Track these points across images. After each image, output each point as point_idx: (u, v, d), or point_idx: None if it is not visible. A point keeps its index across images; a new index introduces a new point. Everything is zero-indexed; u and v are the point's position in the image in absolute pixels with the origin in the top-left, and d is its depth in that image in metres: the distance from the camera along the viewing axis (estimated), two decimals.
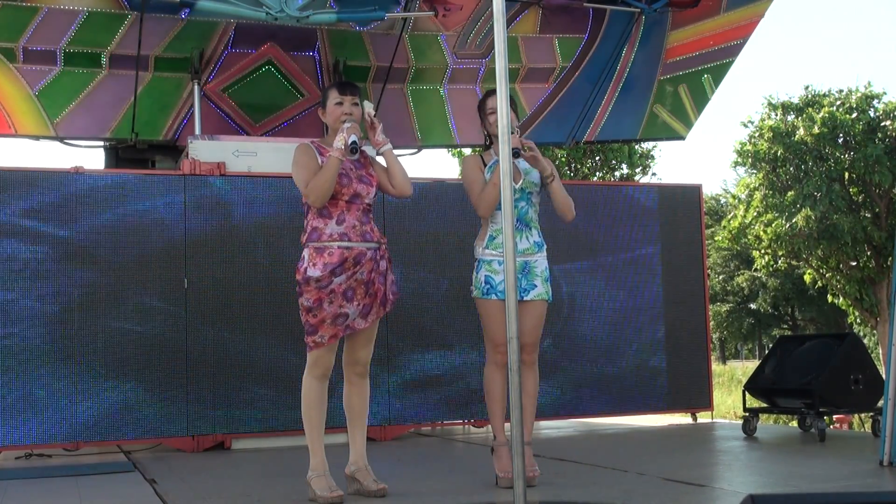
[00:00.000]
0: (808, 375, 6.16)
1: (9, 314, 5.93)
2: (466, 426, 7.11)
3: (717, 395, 14.73)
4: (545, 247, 4.60)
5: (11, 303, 5.94)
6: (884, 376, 5.03)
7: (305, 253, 4.18)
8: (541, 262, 4.54)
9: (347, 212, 4.19)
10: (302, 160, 4.20)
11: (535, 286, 4.49)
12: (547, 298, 4.53)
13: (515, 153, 4.34)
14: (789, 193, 19.53)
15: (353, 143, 4.11)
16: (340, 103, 4.26)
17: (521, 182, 4.50)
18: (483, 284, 4.50)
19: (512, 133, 4.46)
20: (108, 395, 6.06)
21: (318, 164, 4.18)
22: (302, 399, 4.23)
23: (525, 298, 4.44)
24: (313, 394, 4.20)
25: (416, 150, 8.66)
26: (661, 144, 19.84)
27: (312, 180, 4.12)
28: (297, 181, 4.21)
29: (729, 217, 22.42)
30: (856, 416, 11.46)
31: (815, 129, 19.25)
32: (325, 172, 4.10)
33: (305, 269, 4.12)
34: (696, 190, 7.64)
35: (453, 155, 18.38)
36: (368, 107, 4.28)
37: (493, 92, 4.61)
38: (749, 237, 20.59)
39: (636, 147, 18.42)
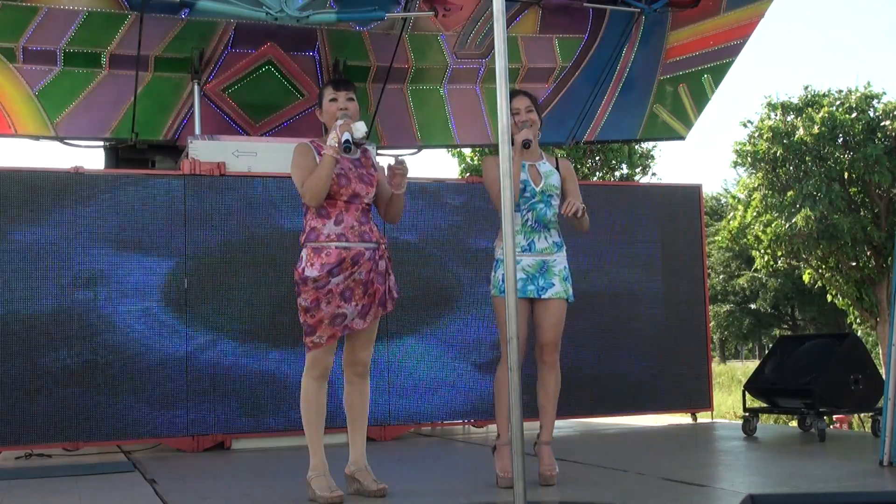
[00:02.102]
0: (808, 375, 6.16)
1: (9, 314, 5.93)
2: (466, 426, 7.11)
3: (717, 395, 14.73)
4: (565, 247, 4.60)
5: (12, 303, 5.94)
6: (884, 376, 5.03)
7: (304, 253, 4.18)
8: (559, 262, 4.55)
9: (346, 212, 4.18)
10: (298, 160, 4.20)
11: (553, 284, 4.50)
12: (566, 297, 4.54)
13: (527, 144, 4.41)
14: (789, 193, 19.51)
15: (346, 141, 4.06)
16: (335, 100, 4.24)
17: (541, 185, 4.52)
18: (501, 283, 4.51)
19: (530, 127, 4.50)
20: (108, 394, 6.06)
21: (315, 163, 4.17)
22: (301, 399, 4.23)
23: (543, 297, 4.46)
24: (312, 394, 4.20)
25: (416, 150, 8.66)
26: (661, 144, 19.83)
27: (307, 179, 4.12)
28: (294, 181, 4.21)
29: (728, 217, 22.41)
30: (856, 416, 11.46)
31: (815, 129, 19.23)
32: (320, 171, 4.09)
33: (303, 270, 4.12)
34: (696, 190, 7.64)
35: (453, 155, 18.38)
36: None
37: (517, 92, 4.64)
38: (749, 237, 20.57)
39: (636, 147, 18.41)
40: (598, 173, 18.34)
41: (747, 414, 6.41)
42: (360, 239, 4.17)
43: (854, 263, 19.84)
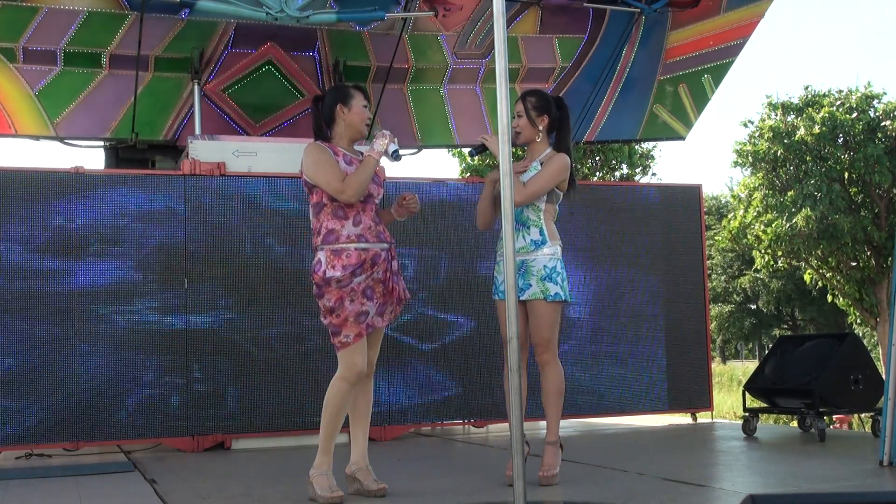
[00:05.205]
0: (808, 375, 6.16)
1: (9, 314, 5.93)
2: (466, 426, 7.11)
3: (717, 395, 14.73)
4: (547, 245, 4.50)
5: (12, 303, 5.94)
6: (884, 376, 5.02)
7: (322, 256, 4.17)
8: (539, 261, 4.49)
9: (363, 212, 4.21)
10: (325, 158, 4.19)
11: (531, 285, 4.47)
12: (544, 297, 4.47)
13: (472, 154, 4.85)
14: (789, 193, 19.51)
15: (395, 151, 4.22)
16: (367, 107, 4.33)
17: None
18: (500, 284, 4.55)
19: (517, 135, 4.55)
20: (109, 394, 6.06)
21: (336, 162, 4.19)
22: (328, 398, 4.17)
23: (521, 298, 4.44)
24: (342, 397, 4.16)
25: (416, 150, 8.66)
26: (661, 144, 19.82)
27: (350, 177, 4.13)
28: (324, 178, 4.14)
29: (729, 217, 22.41)
30: (856, 416, 11.45)
31: (815, 129, 19.22)
32: (367, 170, 4.16)
33: (324, 272, 4.12)
34: (696, 190, 7.64)
35: (453, 155, 18.38)
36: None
37: (524, 93, 4.66)
38: (749, 237, 20.57)
39: (636, 147, 18.40)
40: (598, 173, 18.33)
41: (747, 414, 6.41)
42: (377, 239, 4.21)
43: (854, 263, 19.83)
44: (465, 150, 17.57)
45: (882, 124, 19.43)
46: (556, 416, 4.55)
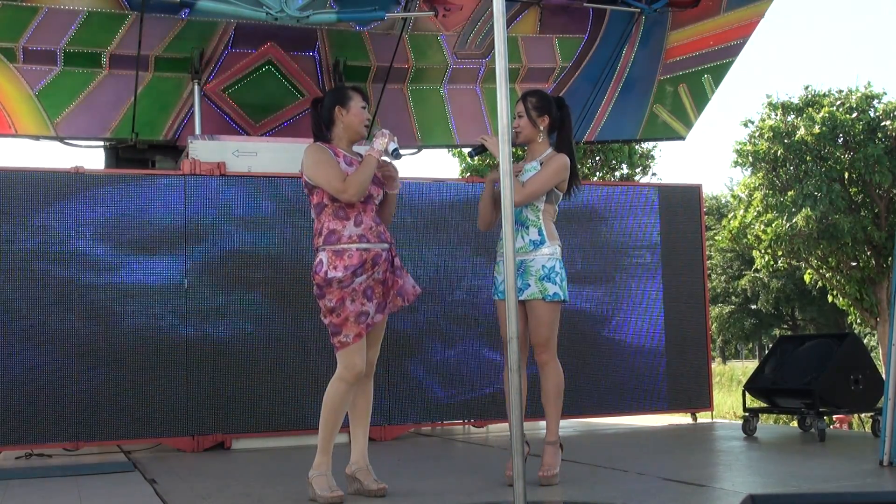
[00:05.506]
0: (808, 375, 6.16)
1: (9, 314, 5.93)
2: (466, 426, 7.11)
3: (717, 395, 14.73)
4: (546, 244, 4.51)
5: (11, 302, 5.94)
6: (884, 376, 5.03)
7: (323, 256, 4.17)
8: (538, 261, 4.48)
9: (363, 213, 4.22)
10: (325, 158, 4.20)
11: (529, 285, 4.47)
12: (542, 297, 4.47)
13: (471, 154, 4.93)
14: (789, 193, 19.51)
15: (396, 149, 4.23)
16: (365, 108, 4.33)
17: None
18: (499, 285, 4.56)
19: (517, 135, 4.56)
20: (109, 394, 6.06)
21: (337, 163, 4.20)
22: (327, 399, 4.18)
23: (520, 298, 4.44)
24: (341, 397, 4.17)
25: (416, 150, 8.66)
26: (661, 144, 19.83)
27: (351, 177, 4.14)
28: (324, 178, 4.15)
29: (729, 217, 22.42)
30: (856, 416, 11.46)
31: (816, 129, 19.23)
32: (367, 169, 4.16)
33: (326, 272, 4.13)
34: (696, 190, 7.64)
35: (453, 155, 18.37)
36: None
37: (525, 93, 4.66)
38: (749, 237, 20.57)
39: (636, 147, 18.39)
40: (598, 173, 18.32)
41: (747, 414, 6.41)
42: (378, 239, 4.22)
43: (854, 263, 19.84)
44: (465, 150, 17.59)
45: (882, 124, 19.44)
46: (555, 416, 4.55)
